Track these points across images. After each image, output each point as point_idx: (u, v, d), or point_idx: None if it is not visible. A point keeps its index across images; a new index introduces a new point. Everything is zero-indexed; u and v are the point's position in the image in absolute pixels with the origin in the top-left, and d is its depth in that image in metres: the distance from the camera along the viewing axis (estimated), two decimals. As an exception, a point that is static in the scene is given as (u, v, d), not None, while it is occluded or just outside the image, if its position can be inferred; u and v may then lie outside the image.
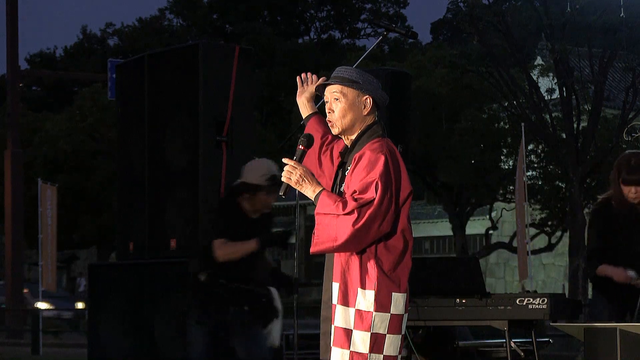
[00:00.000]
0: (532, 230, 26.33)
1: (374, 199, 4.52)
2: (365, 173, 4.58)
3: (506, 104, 25.38)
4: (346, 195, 4.59)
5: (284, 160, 4.70)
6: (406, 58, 30.82)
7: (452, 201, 28.33)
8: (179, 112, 7.58)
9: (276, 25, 50.98)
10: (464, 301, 7.14)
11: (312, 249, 4.61)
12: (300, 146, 4.77)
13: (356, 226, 4.50)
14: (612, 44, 23.21)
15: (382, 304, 4.61)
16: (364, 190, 4.55)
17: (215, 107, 7.39)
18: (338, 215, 4.52)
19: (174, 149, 7.58)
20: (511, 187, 25.85)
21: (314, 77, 5.09)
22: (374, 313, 4.60)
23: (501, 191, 27.69)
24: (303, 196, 5.24)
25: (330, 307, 4.68)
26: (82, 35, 55.33)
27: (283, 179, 4.67)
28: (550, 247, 28.38)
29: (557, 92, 24.19)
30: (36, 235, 22.54)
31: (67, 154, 34.40)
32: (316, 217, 4.59)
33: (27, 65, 52.17)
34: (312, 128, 5.02)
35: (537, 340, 7.31)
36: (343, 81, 4.72)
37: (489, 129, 26.67)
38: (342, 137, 4.80)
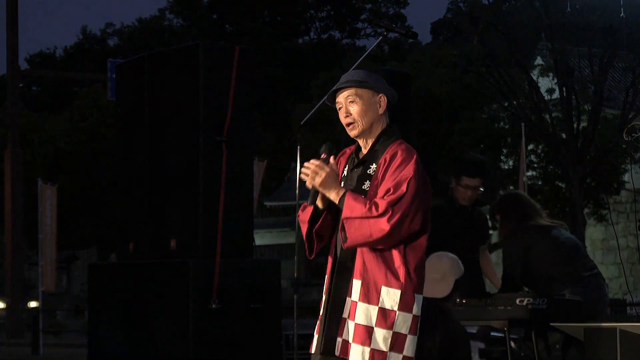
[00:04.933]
0: (532, 230, 26.29)
1: (405, 194, 4.59)
2: (400, 170, 4.65)
3: (506, 104, 25.39)
4: (378, 195, 4.63)
5: (306, 164, 4.72)
6: (406, 58, 30.82)
7: (452, 201, 28.29)
8: (179, 112, 7.57)
9: (276, 25, 50.99)
10: (464, 301, 7.12)
11: (346, 245, 4.64)
12: (323, 155, 4.79)
13: (391, 222, 4.55)
14: (612, 44, 23.23)
15: (406, 303, 4.65)
16: (397, 187, 4.61)
17: (215, 107, 7.37)
18: (372, 217, 4.56)
19: (174, 149, 7.57)
20: (511, 187, 25.84)
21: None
22: (398, 312, 4.63)
23: (501, 191, 27.69)
24: (303, 197, 5.22)
25: (344, 303, 4.68)
26: (82, 35, 55.43)
27: (307, 179, 4.70)
28: (550, 247, 28.35)
29: (557, 92, 24.20)
30: (36, 235, 22.50)
31: (67, 154, 34.42)
32: (346, 221, 4.61)
33: (27, 65, 52.19)
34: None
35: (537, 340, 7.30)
36: (354, 84, 4.78)
37: (489, 129, 26.67)
38: (359, 139, 4.84)
